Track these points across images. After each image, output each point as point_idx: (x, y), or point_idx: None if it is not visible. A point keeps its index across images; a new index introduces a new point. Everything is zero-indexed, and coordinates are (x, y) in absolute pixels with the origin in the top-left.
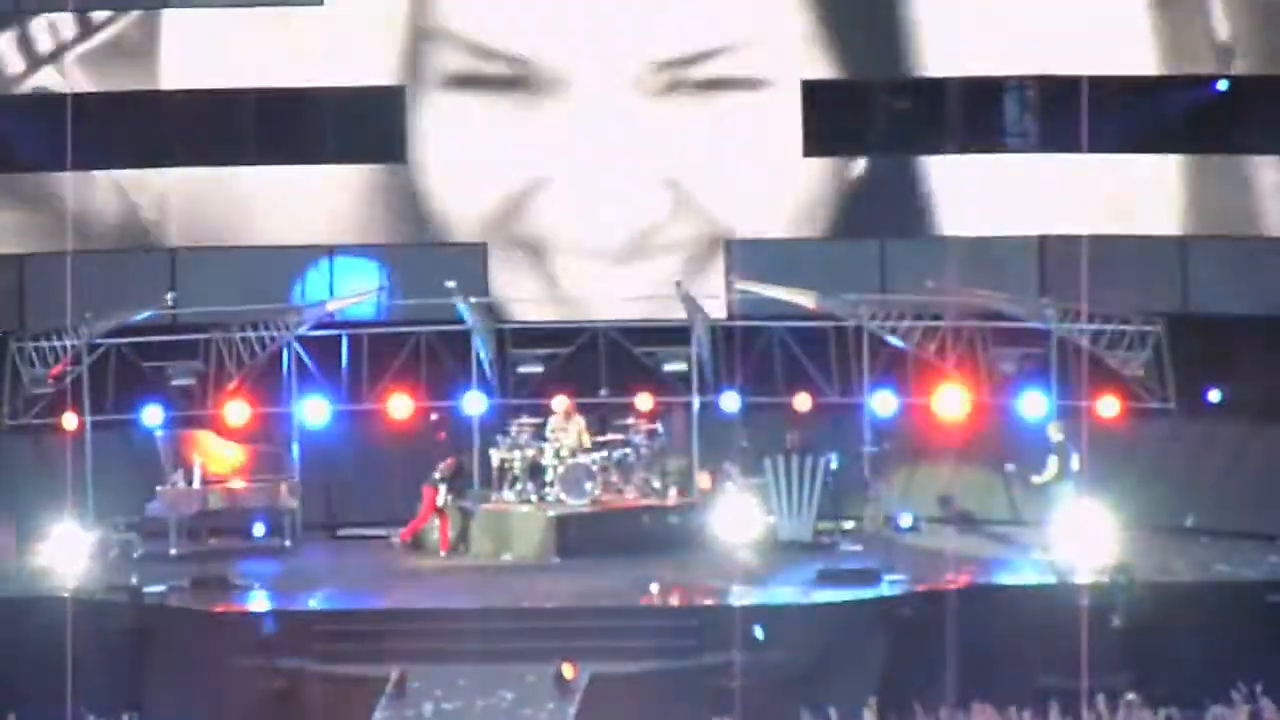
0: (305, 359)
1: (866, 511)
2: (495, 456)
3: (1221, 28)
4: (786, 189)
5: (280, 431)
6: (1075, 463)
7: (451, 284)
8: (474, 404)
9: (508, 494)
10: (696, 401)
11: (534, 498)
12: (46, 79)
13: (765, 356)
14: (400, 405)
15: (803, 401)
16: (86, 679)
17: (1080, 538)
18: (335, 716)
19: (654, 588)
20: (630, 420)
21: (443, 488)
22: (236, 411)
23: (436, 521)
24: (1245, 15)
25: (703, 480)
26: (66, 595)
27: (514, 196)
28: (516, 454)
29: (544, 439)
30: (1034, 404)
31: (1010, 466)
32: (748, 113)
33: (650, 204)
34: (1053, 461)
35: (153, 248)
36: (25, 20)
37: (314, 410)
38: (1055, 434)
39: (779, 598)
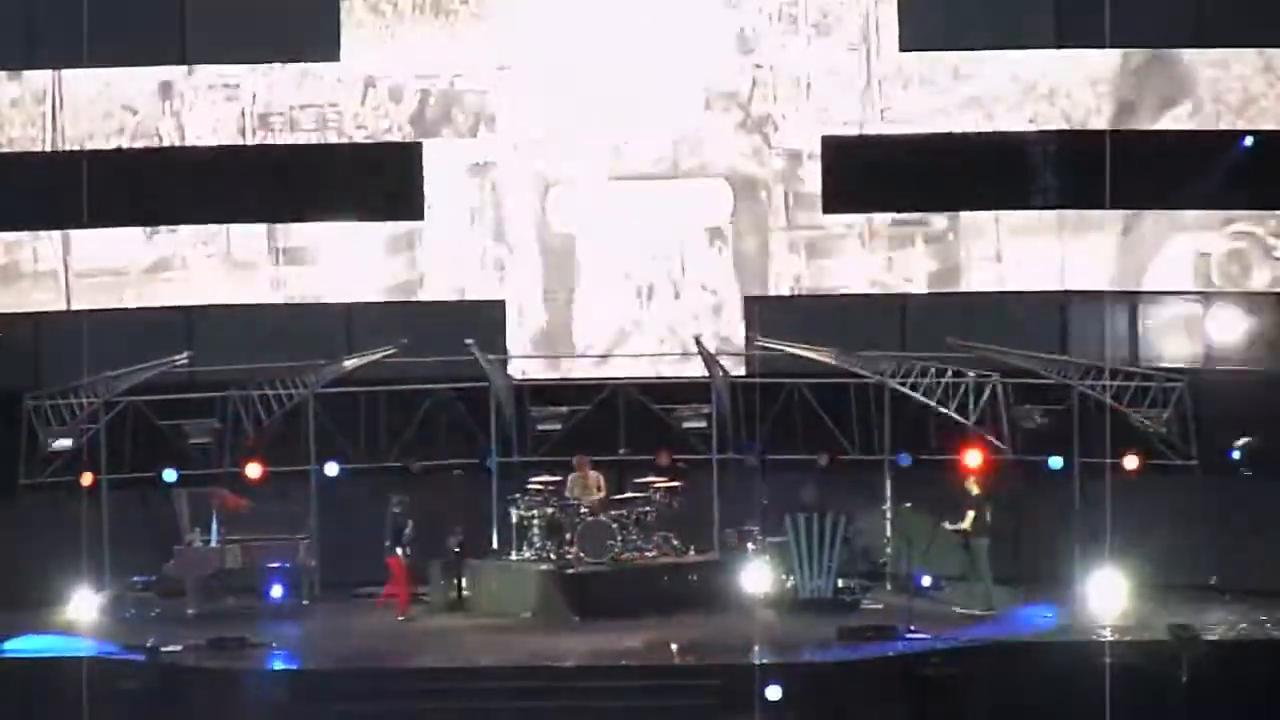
0: (323, 417)
1: (887, 569)
2: (514, 514)
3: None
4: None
5: (298, 490)
6: (987, 517)
7: (470, 341)
8: (492, 462)
9: (527, 552)
10: (717, 459)
11: (553, 556)
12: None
13: (786, 414)
14: (418, 463)
15: (823, 459)
16: None
17: (1101, 596)
18: None
19: (674, 647)
20: (650, 478)
21: (400, 551)
22: (254, 470)
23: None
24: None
25: (725, 538)
26: (84, 655)
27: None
28: (535, 512)
29: (563, 497)
30: (1057, 461)
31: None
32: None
33: (669, 261)
34: (970, 515)
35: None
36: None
37: (332, 468)
38: (974, 487)
39: (799, 656)
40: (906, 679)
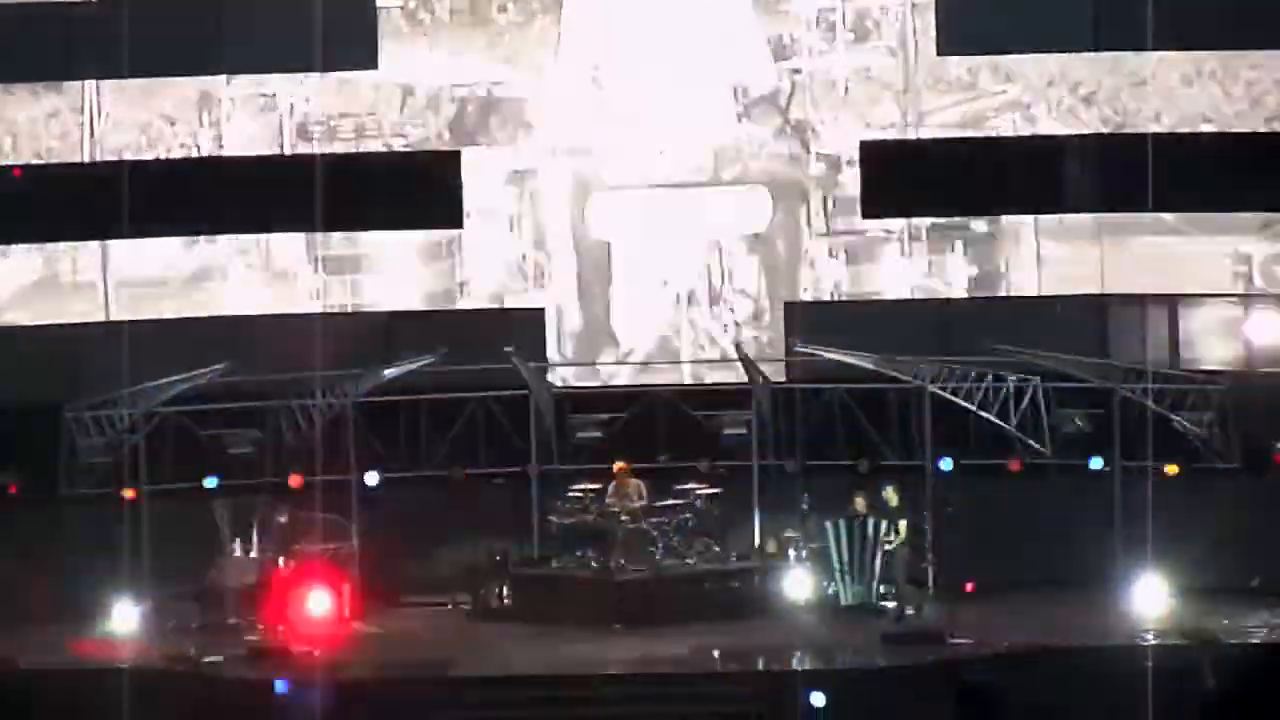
0: (364, 426)
1: (928, 573)
2: (555, 522)
3: None
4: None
5: (339, 499)
6: (902, 527)
7: (511, 349)
8: (533, 470)
9: (568, 560)
10: (757, 465)
11: (595, 563)
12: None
13: (826, 419)
14: (459, 472)
15: (864, 465)
16: None
17: (1143, 600)
18: None
19: (716, 653)
20: (690, 485)
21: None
22: (295, 480)
23: None
24: None
25: (766, 545)
26: (124, 667)
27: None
28: (576, 520)
29: (603, 504)
30: (1097, 465)
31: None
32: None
33: (709, 267)
34: (903, 525)
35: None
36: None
37: (373, 478)
38: (892, 497)
39: (841, 662)
40: (949, 685)
